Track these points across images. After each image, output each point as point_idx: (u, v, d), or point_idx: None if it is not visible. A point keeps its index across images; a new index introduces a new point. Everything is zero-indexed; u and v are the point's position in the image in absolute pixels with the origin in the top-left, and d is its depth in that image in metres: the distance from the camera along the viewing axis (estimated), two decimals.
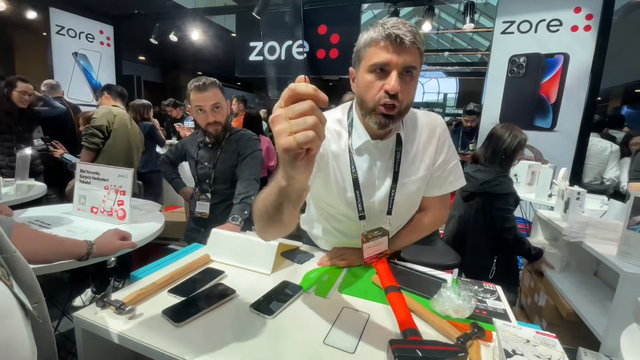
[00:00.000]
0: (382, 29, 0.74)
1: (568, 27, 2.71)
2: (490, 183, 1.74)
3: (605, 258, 1.40)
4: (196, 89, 1.42)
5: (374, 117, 0.78)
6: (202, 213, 1.57)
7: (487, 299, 0.89)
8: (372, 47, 0.75)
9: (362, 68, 0.79)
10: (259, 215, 0.66)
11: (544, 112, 2.78)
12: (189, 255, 1.03)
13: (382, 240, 0.93)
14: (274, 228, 0.67)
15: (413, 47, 0.73)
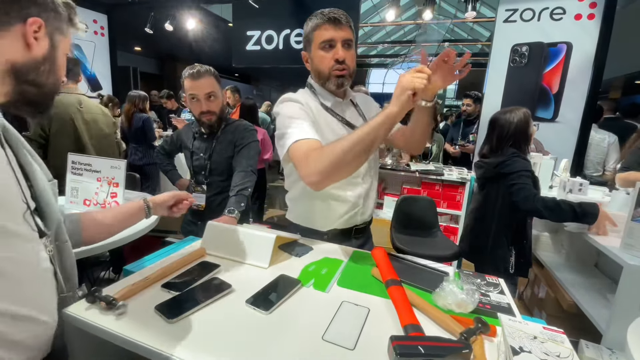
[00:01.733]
0: (322, 15, 0.99)
1: (572, 15, 2.65)
2: (504, 163, 1.62)
3: (608, 250, 1.39)
4: (190, 77, 1.39)
5: (332, 80, 1.03)
6: (199, 205, 1.54)
7: (491, 292, 0.87)
8: (319, 30, 1.00)
9: (314, 48, 1.03)
10: (342, 159, 0.82)
11: (545, 103, 2.74)
12: (184, 248, 1.01)
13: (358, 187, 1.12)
14: (355, 166, 0.87)
15: (347, 26, 1.00)
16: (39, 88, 0.61)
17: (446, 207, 3.08)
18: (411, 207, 2.37)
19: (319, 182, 0.86)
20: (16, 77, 0.58)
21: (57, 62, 0.63)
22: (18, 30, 0.56)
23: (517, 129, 1.65)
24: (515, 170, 1.57)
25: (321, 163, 0.84)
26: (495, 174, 1.67)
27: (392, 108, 0.79)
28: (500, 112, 1.75)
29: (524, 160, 1.60)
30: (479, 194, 1.85)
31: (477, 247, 1.77)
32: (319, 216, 1.15)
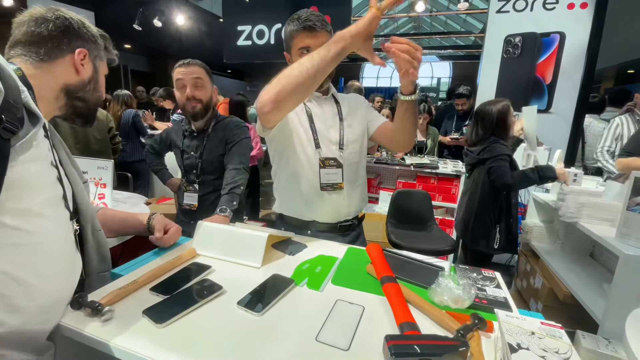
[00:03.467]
0: (298, 22, 1.03)
1: (564, 4, 2.63)
2: (485, 150, 1.84)
3: (603, 240, 1.39)
4: (180, 65, 1.39)
5: None
6: (191, 205, 1.51)
7: (487, 287, 0.86)
8: (296, 37, 1.05)
9: (293, 52, 1.07)
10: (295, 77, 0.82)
11: (539, 93, 2.73)
12: (175, 249, 0.98)
13: (337, 171, 1.13)
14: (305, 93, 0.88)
15: (323, 31, 1.04)
16: (86, 103, 0.77)
17: (441, 200, 3.08)
18: (406, 201, 2.36)
19: (270, 107, 0.85)
20: (68, 95, 0.74)
21: (99, 82, 0.80)
22: (69, 59, 0.73)
23: (497, 119, 1.83)
24: (494, 155, 1.78)
25: (270, 86, 0.85)
26: (479, 160, 1.87)
27: (352, 26, 0.82)
28: (484, 104, 1.93)
29: (502, 146, 1.81)
30: (468, 180, 2.03)
31: (467, 227, 1.93)
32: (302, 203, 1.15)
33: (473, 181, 1.96)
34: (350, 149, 1.16)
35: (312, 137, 1.12)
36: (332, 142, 1.14)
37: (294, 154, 1.12)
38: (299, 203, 1.16)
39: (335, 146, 1.14)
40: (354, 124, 1.18)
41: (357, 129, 1.18)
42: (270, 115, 0.89)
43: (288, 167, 1.15)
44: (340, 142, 1.15)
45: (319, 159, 1.12)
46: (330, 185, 1.12)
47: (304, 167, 1.12)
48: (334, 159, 1.13)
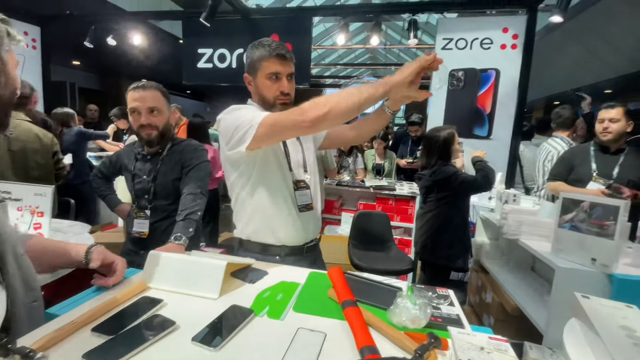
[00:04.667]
0: (270, 49, 1.09)
1: (498, 45, 3.00)
2: (435, 173, 2.02)
3: (541, 255, 1.52)
4: (134, 89, 1.33)
5: (277, 107, 1.12)
6: (141, 232, 1.41)
7: (441, 305, 0.90)
8: (266, 62, 1.10)
9: (260, 75, 1.12)
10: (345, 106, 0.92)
11: (481, 122, 3.04)
12: (122, 283, 0.91)
13: (307, 192, 1.18)
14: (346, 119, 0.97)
15: (291, 61, 1.13)
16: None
17: (399, 220, 3.20)
18: (367, 223, 2.42)
19: (318, 116, 0.92)
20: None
21: (10, 76, 0.70)
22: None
23: (443, 144, 2.01)
24: (452, 173, 1.96)
25: (317, 102, 0.93)
26: (432, 182, 2.03)
27: (395, 76, 0.92)
28: (431, 131, 2.14)
29: (450, 166, 2.02)
30: (425, 203, 2.16)
31: (429, 244, 2.06)
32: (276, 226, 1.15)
33: (428, 202, 2.10)
34: (312, 170, 1.23)
35: (285, 160, 1.16)
36: (299, 165, 1.20)
37: (267, 177, 1.13)
38: (271, 226, 1.15)
39: (302, 169, 1.20)
40: (310, 146, 1.27)
41: (312, 151, 1.27)
42: (308, 130, 0.97)
43: (259, 190, 1.14)
44: (304, 164, 1.21)
45: (292, 181, 1.16)
46: (305, 207, 1.17)
47: (281, 189, 1.14)
48: (303, 181, 1.18)
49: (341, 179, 3.55)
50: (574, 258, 1.41)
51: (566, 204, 1.43)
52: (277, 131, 0.99)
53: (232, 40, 3.75)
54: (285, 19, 3.64)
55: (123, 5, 5.44)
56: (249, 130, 0.99)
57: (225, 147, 1.09)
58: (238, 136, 1.01)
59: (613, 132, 1.91)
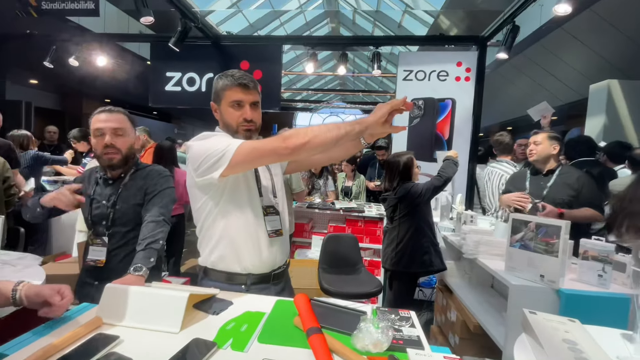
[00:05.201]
0: (233, 79, 1.13)
1: (453, 77, 3.29)
2: (398, 191, 2.20)
3: (496, 273, 1.62)
4: (100, 112, 1.32)
5: (241, 133, 1.15)
6: (97, 260, 1.33)
7: (403, 327, 0.93)
8: (229, 91, 1.13)
9: (224, 104, 1.16)
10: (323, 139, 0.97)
11: (440, 147, 3.26)
12: (76, 318, 0.86)
13: (276, 218, 1.20)
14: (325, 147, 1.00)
15: (254, 90, 1.15)
16: None
17: (368, 242, 3.26)
18: (336, 246, 2.45)
19: (300, 144, 0.97)
20: None
21: None
22: None
23: (403, 168, 2.20)
24: (411, 186, 2.17)
25: (298, 132, 0.98)
26: (396, 200, 2.20)
27: (370, 117, 1.00)
28: (392, 156, 2.31)
29: (410, 182, 2.20)
30: (389, 221, 2.31)
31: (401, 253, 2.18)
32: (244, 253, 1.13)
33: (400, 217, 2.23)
34: (280, 195, 1.25)
35: (255, 185, 1.17)
36: (269, 190, 1.21)
37: (236, 203, 1.13)
38: (238, 253, 1.13)
39: (271, 194, 1.21)
40: (278, 172, 1.29)
41: (280, 176, 1.30)
42: (287, 157, 1.04)
43: (227, 216, 1.13)
44: (273, 189, 1.23)
45: (262, 206, 1.17)
46: (275, 232, 1.17)
47: (250, 215, 1.14)
48: (273, 207, 1.19)
49: (312, 201, 3.58)
50: (525, 275, 1.51)
51: (515, 224, 1.55)
52: (255, 157, 1.02)
53: (202, 64, 3.79)
54: (255, 47, 3.76)
55: (89, 25, 5.32)
56: (223, 157, 1.00)
57: (194, 173, 1.08)
58: (210, 163, 1.02)
59: (536, 154, 2.14)
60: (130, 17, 6.35)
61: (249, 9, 7.80)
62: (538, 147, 2.13)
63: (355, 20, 9.46)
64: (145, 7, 2.66)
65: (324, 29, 10.24)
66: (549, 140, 2.12)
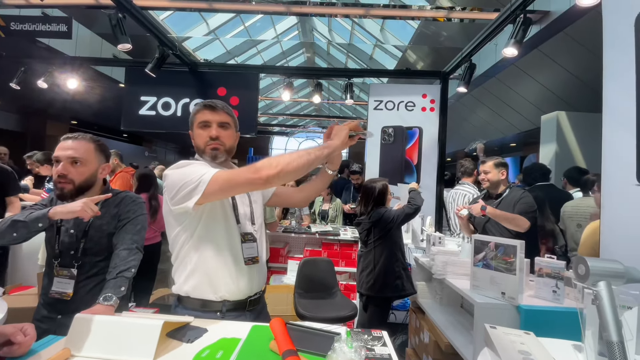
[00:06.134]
0: (201, 103, 1.20)
1: (419, 107, 3.55)
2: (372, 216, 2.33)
3: (463, 292, 1.71)
4: (65, 138, 1.29)
5: (207, 152, 1.18)
6: (63, 293, 1.26)
7: (375, 347, 0.97)
8: (198, 114, 1.19)
9: (195, 127, 1.20)
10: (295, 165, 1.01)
11: (410, 171, 3.46)
12: (42, 351, 0.83)
13: (253, 245, 1.21)
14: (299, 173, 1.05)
15: (222, 111, 1.19)
16: None
17: (344, 265, 3.29)
18: (312, 270, 2.47)
19: (272, 175, 0.99)
20: None
21: None
22: None
23: (378, 194, 2.34)
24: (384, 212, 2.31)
25: (270, 162, 1.00)
26: (370, 224, 2.32)
27: (334, 141, 1.08)
28: (367, 182, 2.46)
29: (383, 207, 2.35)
30: (364, 245, 2.42)
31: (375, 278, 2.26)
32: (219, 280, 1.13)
33: (374, 241, 2.33)
34: (258, 223, 1.26)
35: (232, 212, 1.18)
36: (246, 218, 1.22)
37: (213, 230, 1.13)
38: (212, 281, 1.12)
39: (249, 221, 1.22)
40: (258, 199, 1.31)
41: (259, 204, 1.31)
42: (262, 186, 1.07)
43: (203, 244, 1.13)
44: (252, 217, 1.24)
45: (239, 233, 1.17)
46: (251, 259, 1.18)
47: (227, 242, 1.15)
48: (251, 234, 1.20)
49: (287, 225, 3.59)
50: (488, 293, 1.61)
51: (477, 245, 1.67)
52: (230, 187, 1.04)
53: (178, 90, 3.82)
54: (232, 74, 3.86)
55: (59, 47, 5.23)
56: (198, 186, 1.01)
57: (170, 202, 1.08)
58: (185, 192, 1.02)
59: (488, 182, 2.38)
60: (103, 39, 6.31)
61: (226, 37, 8.01)
62: (488, 175, 2.37)
63: (329, 51, 9.95)
64: (123, 34, 2.69)
65: (300, 58, 10.66)
66: (496, 168, 2.36)
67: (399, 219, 2.27)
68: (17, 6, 3.98)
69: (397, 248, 2.31)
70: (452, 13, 3.67)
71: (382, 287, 2.24)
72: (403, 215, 2.28)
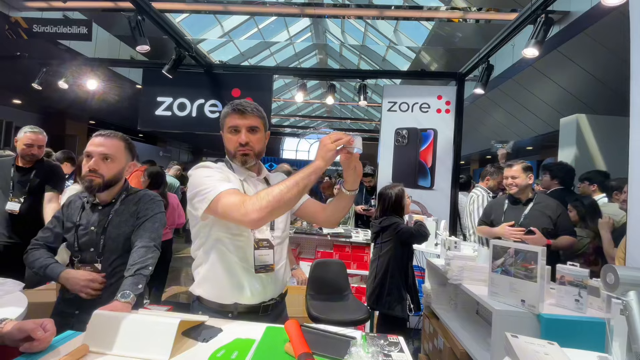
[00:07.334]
0: (231, 105, 1.18)
1: (434, 109, 3.49)
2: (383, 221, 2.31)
3: (480, 298, 1.66)
4: (97, 135, 1.34)
5: (237, 157, 1.18)
6: None
7: (392, 352, 0.95)
8: (227, 118, 1.18)
9: (225, 131, 1.20)
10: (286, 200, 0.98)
11: (424, 174, 3.40)
12: (61, 347, 0.84)
13: (269, 252, 1.15)
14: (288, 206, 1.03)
15: (252, 114, 1.17)
16: None
17: (356, 267, 3.26)
18: (324, 272, 2.45)
19: (259, 218, 0.97)
20: None
21: None
22: None
23: (395, 200, 2.31)
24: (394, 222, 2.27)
25: (260, 202, 0.97)
26: (379, 228, 2.31)
27: (319, 162, 1.01)
28: (384, 188, 2.43)
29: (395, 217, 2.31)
30: (374, 250, 2.39)
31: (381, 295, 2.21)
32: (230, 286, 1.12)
33: (382, 252, 2.29)
34: (279, 228, 1.23)
35: None
36: (265, 226, 1.16)
37: (226, 233, 1.13)
38: (225, 286, 1.12)
39: (267, 227, 1.18)
40: None
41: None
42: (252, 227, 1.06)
43: (216, 247, 1.13)
44: (272, 223, 1.20)
45: (253, 240, 1.14)
46: (264, 267, 1.13)
47: (238, 248, 1.13)
48: (267, 240, 1.16)
49: (299, 226, 3.59)
50: (507, 300, 1.56)
51: (496, 250, 1.62)
52: (224, 216, 1.04)
53: (194, 91, 3.87)
54: (246, 76, 3.89)
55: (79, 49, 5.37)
56: (203, 201, 1.04)
57: (188, 202, 1.12)
58: (196, 200, 1.06)
59: (518, 187, 2.27)
60: (121, 41, 6.47)
61: (240, 39, 8.10)
62: (517, 180, 2.27)
63: (342, 53, 9.94)
64: (142, 36, 2.75)
65: (312, 59, 10.69)
66: (524, 172, 2.27)
67: (404, 235, 2.22)
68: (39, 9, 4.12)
69: (396, 264, 2.25)
70: (468, 14, 3.61)
71: (377, 300, 2.25)
72: (409, 232, 2.22)
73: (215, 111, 3.82)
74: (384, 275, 2.23)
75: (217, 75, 3.85)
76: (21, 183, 2.34)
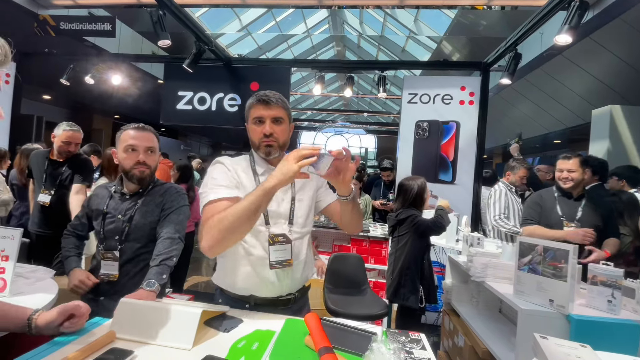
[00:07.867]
0: (256, 96, 1.15)
1: (457, 101, 3.37)
2: (400, 213, 2.28)
3: (505, 297, 1.60)
4: (133, 128, 1.38)
5: (261, 149, 1.15)
6: (110, 275, 1.34)
7: (414, 349, 0.93)
8: (252, 109, 1.15)
9: (249, 122, 1.17)
10: (229, 227, 0.92)
11: (445, 168, 3.29)
12: (89, 333, 0.87)
13: (286, 247, 1.12)
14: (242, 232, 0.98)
15: (277, 105, 1.13)
16: None
17: (373, 262, 3.23)
18: (342, 265, 2.44)
19: (209, 247, 0.95)
20: None
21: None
22: None
23: (417, 192, 2.26)
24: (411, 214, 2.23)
25: (212, 231, 0.94)
26: (396, 221, 2.29)
27: (269, 181, 0.92)
28: (405, 179, 2.37)
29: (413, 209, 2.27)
30: (392, 243, 2.38)
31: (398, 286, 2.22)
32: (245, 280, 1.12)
33: (399, 245, 2.27)
34: (299, 223, 1.17)
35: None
36: (281, 217, 1.14)
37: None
38: (240, 279, 1.12)
39: (285, 222, 1.15)
40: (305, 198, 1.21)
41: (306, 203, 1.21)
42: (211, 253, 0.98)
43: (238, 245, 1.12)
44: (290, 217, 1.16)
45: (268, 235, 1.11)
46: (280, 263, 1.10)
47: (253, 244, 1.11)
48: (283, 235, 1.12)
49: (317, 219, 3.59)
50: (534, 299, 1.50)
51: (523, 248, 1.56)
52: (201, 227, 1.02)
53: (213, 84, 3.91)
54: (264, 69, 3.89)
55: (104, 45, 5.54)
56: (202, 200, 1.05)
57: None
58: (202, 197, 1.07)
59: (574, 181, 2.13)
60: (144, 38, 6.62)
61: (258, 33, 8.10)
62: (573, 174, 2.14)
63: (360, 44, 9.77)
64: (163, 30, 2.79)
65: (330, 52, 10.57)
66: (581, 166, 2.13)
67: (421, 227, 2.19)
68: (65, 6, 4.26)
69: (412, 256, 2.23)
70: (493, 0, 3.44)
71: (395, 291, 2.23)
72: (426, 224, 2.18)
73: (234, 105, 3.85)
74: (401, 268, 2.23)
75: (235, 69, 3.87)
76: (53, 176, 2.43)
